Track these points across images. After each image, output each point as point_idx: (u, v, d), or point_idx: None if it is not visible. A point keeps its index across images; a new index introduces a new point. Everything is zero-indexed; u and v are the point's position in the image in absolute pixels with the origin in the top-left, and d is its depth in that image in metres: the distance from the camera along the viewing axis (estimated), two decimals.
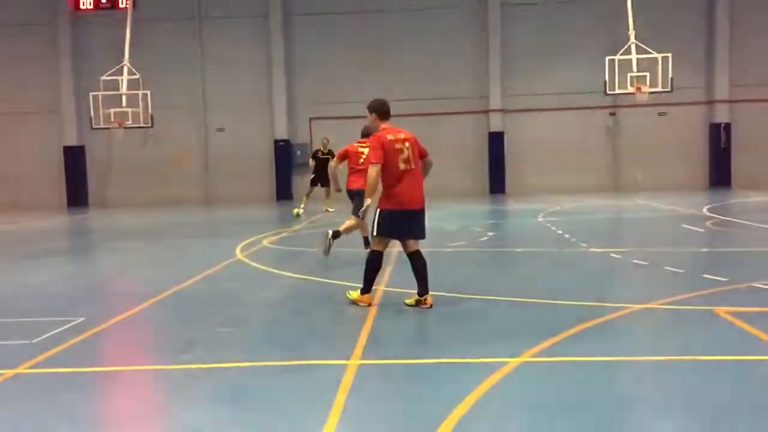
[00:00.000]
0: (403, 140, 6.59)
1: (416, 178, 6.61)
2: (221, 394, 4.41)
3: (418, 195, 6.61)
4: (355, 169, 10.06)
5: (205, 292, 7.92)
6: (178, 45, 26.42)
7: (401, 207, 6.53)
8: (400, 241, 6.81)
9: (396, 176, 6.51)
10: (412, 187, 6.55)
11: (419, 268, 6.65)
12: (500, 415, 3.95)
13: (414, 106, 25.18)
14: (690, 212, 15.62)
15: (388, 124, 6.71)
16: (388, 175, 6.52)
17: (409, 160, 6.54)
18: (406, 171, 6.53)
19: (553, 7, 25.37)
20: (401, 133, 6.65)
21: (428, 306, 6.57)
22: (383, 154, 6.46)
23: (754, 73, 24.76)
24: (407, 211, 6.56)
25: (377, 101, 6.79)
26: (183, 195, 26.36)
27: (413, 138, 6.71)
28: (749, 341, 5.21)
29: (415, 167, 6.60)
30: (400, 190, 6.51)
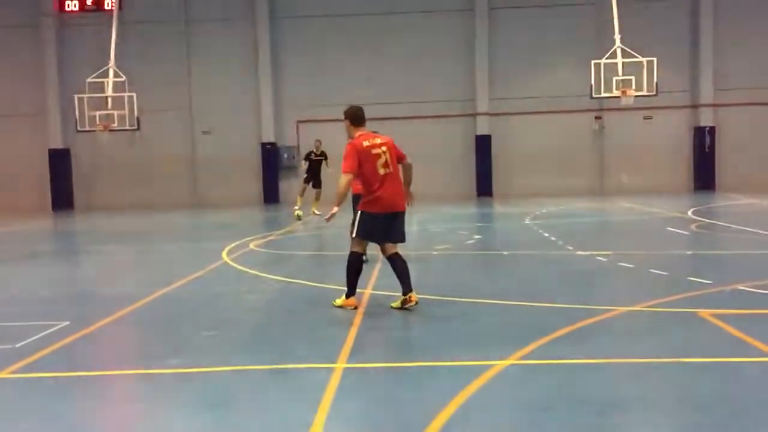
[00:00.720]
0: (380, 145, 6.69)
1: (396, 181, 6.72)
2: (207, 398, 4.39)
3: (399, 198, 6.73)
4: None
5: (192, 296, 7.89)
6: (165, 47, 26.31)
7: (383, 210, 6.63)
8: (378, 244, 6.86)
9: (377, 180, 6.60)
10: (393, 190, 6.66)
11: (400, 269, 6.70)
12: (486, 418, 3.96)
13: (401, 110, 25.23)
14: (675, 215, 15.75)
15: (364, 129, 6.81)
16: (368, 180, 6.63)
17: (387, 164, 6.64)
18: (387, 175, 6.64)
19: (539, 12, 25.51)
20: (378, 138, 6.76)
21: (413, 303, 6.58)
22: (356, 163, 6.55)
23: (737, 78, 25.02)
24: (389, 214, 6.65)
25: (351, 108, 6.89)
26: (169, 198, 26.24)
27: (391, 142, 6.82)
28: (732, 343, 5.25)
29: (394, 170, 6.71)
30: (381, 194, 6.60)
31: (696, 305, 6.45)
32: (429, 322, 6.29)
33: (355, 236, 6.75)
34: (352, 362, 5.02)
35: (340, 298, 6.87)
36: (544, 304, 6.81)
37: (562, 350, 5.17)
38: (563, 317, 6.12)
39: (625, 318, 6.21)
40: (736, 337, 5.35)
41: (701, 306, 6.39)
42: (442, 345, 5.47)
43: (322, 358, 5.13)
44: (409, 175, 7.06)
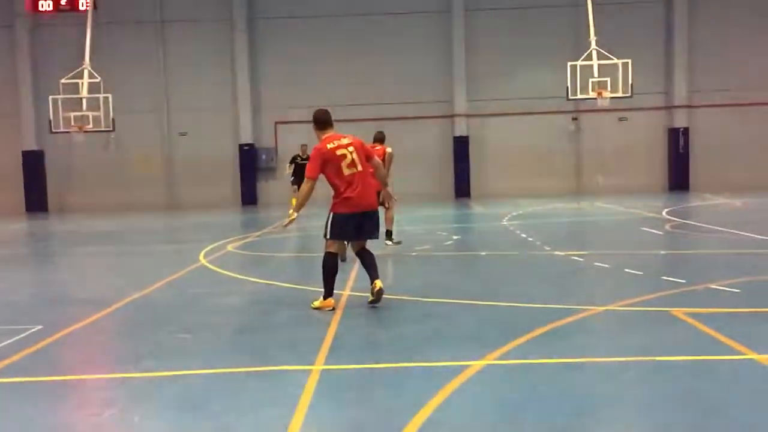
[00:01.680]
0: (347, 145, 6.72)
1: (366, 180, 6.75)
2: (183, 402, 4.36)
3: (370, 197, 6.78)
4: None
5: (168, 299, 7.82)
6: (140, 48, 26.08)
7: (353, 210, 6.68)
8: (350, 242, 6.92)
9: (343, 181, 6.66)
10: (363, 189, 6.69)
11: (368, 261, 6.84)
12: (463, 418, 3.97)
13: (379, 111, 25.25)
14: (650, 215, 15.93)
15: (331, 131, 6.85)
16: (334, 182, 6.69)
17: (354, 164, 6.67)
18: (353, 175, 6.67)
19: (516, 14, 25.69)
20: (345, 139, 6.80)
21: (377, 289, 6.68)
22: (319, 167, 6.63)
23: (711, 79, 25.40)
24: (359, 213, 6.70)
25: (316, 111, 6.97)
26: (146, 200, 26.01)
27: (359, 142, 6.87)
28: (705, 342, 5.32)
29: (363, 170, 6.73)
30: (350, 195, 6.65)
31: (670, 304, 6.53)
32: (407, 323, 6.30)
33: (328, 238, 6.78)
34: (330, 364, 5.01)
35: (318, 300, 6.86)
36: (521, 304, 6.86)
37: (538, 350, 5.21)
38: (540, 317, 6.17)
39: (601, 317, 6.27)
40: (709, 336, 5.42)
41: (675, 305, 6.47)
42: (420, 345, 5.48)
43: (299, 359, 5.12)
44: (381, 173, 7.13)
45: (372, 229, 6.87)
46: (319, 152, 6.67)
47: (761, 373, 4.57)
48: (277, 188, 26.31)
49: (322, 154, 6.65)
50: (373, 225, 6.87)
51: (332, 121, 6.94)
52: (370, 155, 6.91)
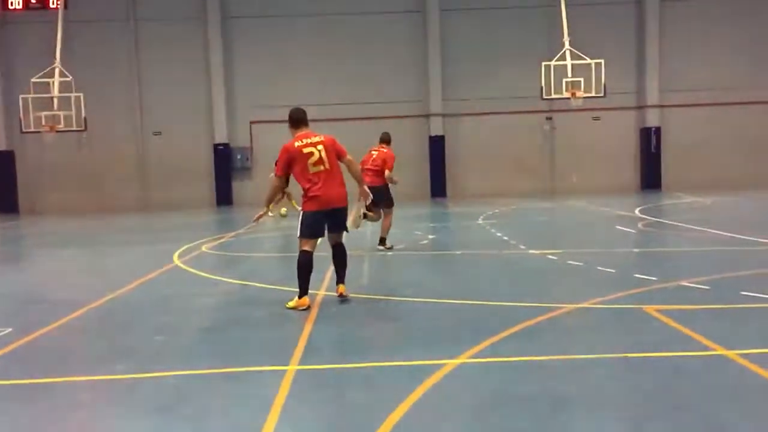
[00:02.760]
0: (316, 144, 6.83)
1: (333, 178, 6.84)
2: (156, 404, 4.32)
3: (336, 194, 6.85)
4: (364, 167, 10.62)
5: (141, 300, 7.74)
6: (112, 47, 25.79)
7: (320, 208, 6.79)
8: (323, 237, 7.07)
9: (309, 179, 6.77)
10: (329, 187, 6.79)
11: (338, 260, 7.09)
12: (437, 417, 3.99)
13: (354, 110, 25.25)
14: (623, 214, 16.12)
15: (305, 130, 6.95)
16: (301, 179, 6.82)
17: (321, 162, 6.77)
18: (319, 173, 6.77)
19: (490, 14, 25.84)
20: (315, 137, 6.90)
21: (338, 295, 6.96)
22: (286, 165, 6.83)
23: (682, 79, 25.77)
24: (327, 210, 6.82)
25: (291, 110, 7.09)
26: (119, 200, 25.73)
27: (330, 141, 6.94)
28: (676, 338, 5.40)
29: (331, 168, 6.83)
30: (316, 192, 6.76)
31: (642, 301, 6.61)
32: (382, 322, 6.31)
33: (300, 236, 6.88)
34: (305, 364, 5.00)
35: (293, 300, 6.84)
36: (495, 302, 6.90)
37: (512, 348, 5.24)
38: (514, 315, 6.21)
39: (575, 315, 6.33)
40: (680, 332, 5.50)
41: (647, 302, 6.55)
42: (395, 345, 5.49)
43: (273, 360, 5.10)
44: (355, 170, 7.20)
45: (340, 224, 7.02)
46: (285, 150, 6.83)
47: (730, 369, 4.65)
48: (252, 188, 26.18)
49: (289, 152, 6.80)
50: (340, 221, 7.01)
51: (307, 120, 7.01)
52: (341, 154, 6.98)
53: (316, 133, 6.96)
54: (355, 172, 7.20)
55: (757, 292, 6.73)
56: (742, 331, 5.54)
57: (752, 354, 4.84)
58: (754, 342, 5.16)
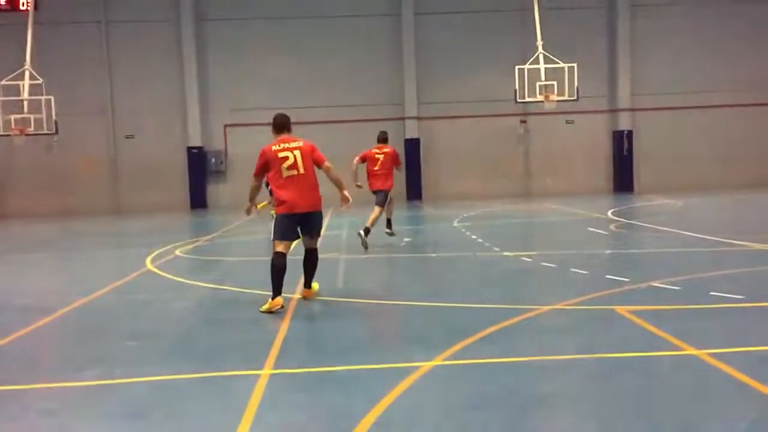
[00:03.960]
0: (293, 149, 6.96)
1: (305, 183, 6.94)
2: (128, 411, 4.26)
3: (306, 199, 6.94)
4: (373, 171, 11.47)
5: (113, 305, 7.65)
6: (84, 49, 25.46)
7: (290, 211, 6.92)
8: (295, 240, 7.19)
9: (280, 183, 6.93)
10: (299, 192, 6.91)
11: (308, 265, 7.25)
12: (412, 419, 3.99)
13: (329, 113, 25.22)
14: (596, 216, 16.29)
15: (285, 135, 7.11)
16: (273, 183, 6.99)
17: (295, 167, 6.90)
18: (291, 177, 6.90)
19: (465, 18, 25.97)
20: (294, 142, 7.02)
21: (303, 297, 7.19)
22: (262, 166, 7.00)
23: (653, 83, 26.14)
24: (296, 214, 6.93)
25: (274, 116, 7.24)
26: (91, 204, 25.39)
27: (309, 147, 7.06)
28: (647, 338, 5.46)
29: (304, 173, 6.94)
30: (286, 196, 6.91)
31: (614, 302, 6.68)
32: (357, 325, 6.31)
33: (273, 238, 7.00)
34: (279, 368, 4.97)
35: (266, 303, 6.80)
36: (470, 304, 6.93)
37: (486, 350, 5.27)
38: (489, 317, 6.24)
39: (548, 316, 6.38)
40: (651, 332, 5.57)
41: (619, 303, 6.63)
42: (370, 347, 5.49)
43: (247, 364, 5.06)
44: (334, 177, 7.24)
45: (313, 229, 7.14)
46: (263, 153, 7.00)
47: (700, 368, 4.71)
48: (226, 192, 26.01)
49: (264, 155, 6.97)
50: (313, 226, 7.11)
51: (290, 126, 7.17)
52: (319, 162, 7.07)
53: (296, 139, 7.08)
54: (334, 179, 7.23)
55: (725, 292, 6.84)
56: (711, 330, 5.63)
57: (721, 353, 4.91)
58: (723, 341, 5.24)
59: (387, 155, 11.57)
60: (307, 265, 7.28)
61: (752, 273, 8.21)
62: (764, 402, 4.04)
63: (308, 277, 7.32)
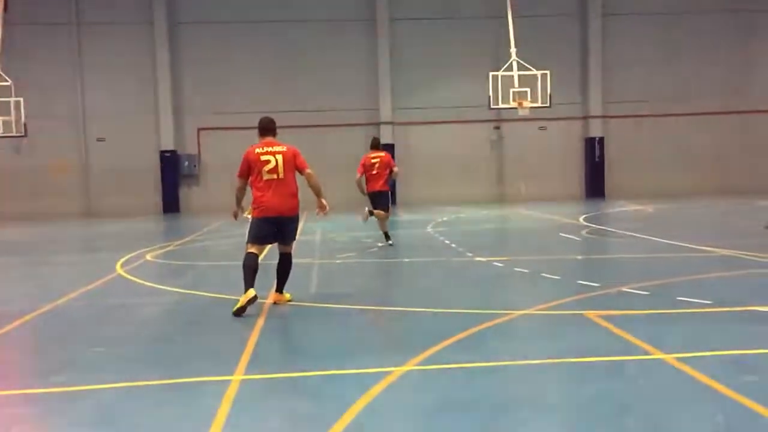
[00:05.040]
0: (275, 152, 7.01)
1: (283, 188, 6.99)
2: (95, 418, 4.20)
3: (282, 204, 6.98)
4: (370, 175, 12.10)
5: (81, 310, 7.53)
6: (55, 50, 25.13)
7: (265, 215, 6.97)
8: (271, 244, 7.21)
9: (259, 187, 6.99)
10: (277, 196, 6.96)
11: (281, 270, 7.22)
12: (384, 425, 3.99)
13: (304, 118, 25.17)
14: (568, 222, 16.46)
15: (270, 138, 7.15)
16: (253, 185, 7.05)
17: (275, 171, 6.96)
18: (271, 181, 6.97)
19: (439, 25, 26.13)
20: (277, 146, 7.07)
21: (274, 302, 7.14)
22: (246, 168, 7.06)
23: (624, 91, 26.53)
24: (271, 218, 6.96)
25: (260, 119, 7.29)
26: (61, 208, 25.01)
27: (292, 152, 7.10)
28: (617, 343, 5.53)
29: (284, 178, 6.99)
30: (263, 199, 6.96)
31: (584, 307, 6.75)
32: (329, 331, 6.29)
33: (247, 241, 7.04)
34: (250, 373, 4.94)
35: (238, 301, 6.77)
36: (443, 309, 6.96)
37: (458, 355, 5.29)
38: (461, 322, 6.26)
39: (519, 321, 6.43)
40: (621, 337, 5.64)
41: (589, 308, 6.70)
42: (342, 353, 5.47)
43: (218, 370, 5.02)
44: (314, 184, 7.24)
45: (288, 234, 7.14)
46: (245, 155, 7.08)
47: (668, 372, 4.78)
48: (200, 195, 25.82)
49: (247, 157, 7.04)
50: (288, 231, 7.12)
51: (275, 129, 7.25)
52: (301, 167, 7.13)
53: (280, 143, 7.13)
54: (313, 186, 7.23)
55: (693, 297, 6.96)
56: (678, 335, 5.72)
57: (688, 357, 4.99)
58: (690, 345, 5.32)
59: (382, 161, 12.18)
60: (281, 269, 7.25)
61: (718, 278, 8.35)
62: (729, 405, 4.11)
63: (281, 282, 7.30)
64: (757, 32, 26.89)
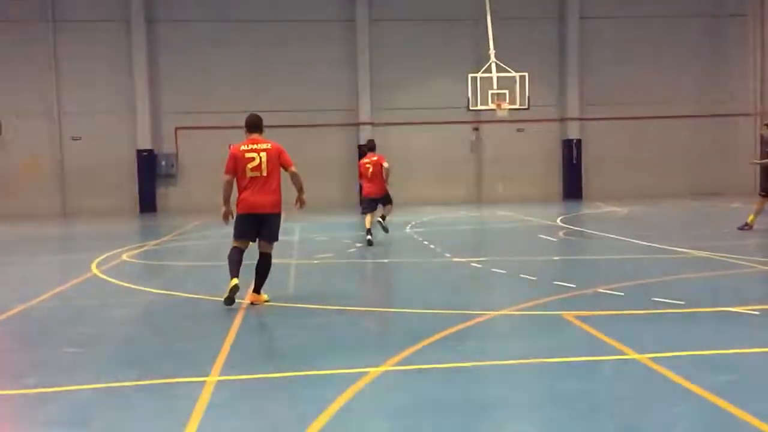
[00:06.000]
0: (259, 150, 7.09)
1: (265, 185, 7.09)
2: (67, 419, 4.14)
3: (263, 201, 7.08)
4: (366, 180, 12.65)
5: (55, 311, 7.43)
6: (29, 48, 24.77)
7: (246, 211, 7.10)
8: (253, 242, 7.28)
9: (243, 183, 7.11)
10: (259, 193, 7.06)
11: (260, 269, 7.21)
12: (359, 426, 3.99)
13: (283, 118, 25.00)
14: (545, 223, 16.57)
15: (257, 135, 7.23)
16: (238, 182, 7.15)
17: (258, 168, 7.05)
18: (253, 178, 7.07)
19: (419, 26, 26.16)
20: (262, 144, 7.14)
21: (251, 303, 7.14)
22: (233, 165, 7.11)
23: (601, 93, 26.77)
24: (251, 215, 7.08)
25: (247, 116, 7.37)
26: (35, 207, 24.63)
27: (276, 149, 7.17)
28: (592, 343, 5.58)
29: (267, 176, 7.08)
30: (245, 196, 7.10)
31: (561, 308, 6.80)
32: (307, 331, 6.26)
33: (233, 237, 7.19)
34: (226, 375, 4.90)
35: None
36: (420, 310, 6.97)
37: (435, 355, 5.29)
38: (438, 322, 6.27)
39: (496, 322, 6.46)
40: (596, 337, 5.69)
41: (565, 308, 6.74)
42: (319, 354, 5.45)
43: (193, 371, 4.98)
44: (297, 181, 7.40)
45: (267, 232, 7.19)
46: (231, 153, 7.18)
47: (642, 372, 4.83)
48: (177, 195, 25.61)
49: (233, 154, 7.14)
50: (269, 228, 7.18)
51: (261, 126, 7.32)
52: (285, 164, 7.22)
53: (266, 140, 7.21)
54: (296, 183, 7.38)
55: (666, 298, 7.03)
56: (652, 335, 5.78)
57: (661, 357, 5.04)
58: (663, 345, 5.38)
59: (374, 163, 12.56)
60: (259, 269, 7.23)
61: (692, 279, 8.46)
62: (701, 404, 4.16)
63: (259, 282, 7.26)
64: (732, 37, 27.28)
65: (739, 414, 3.93)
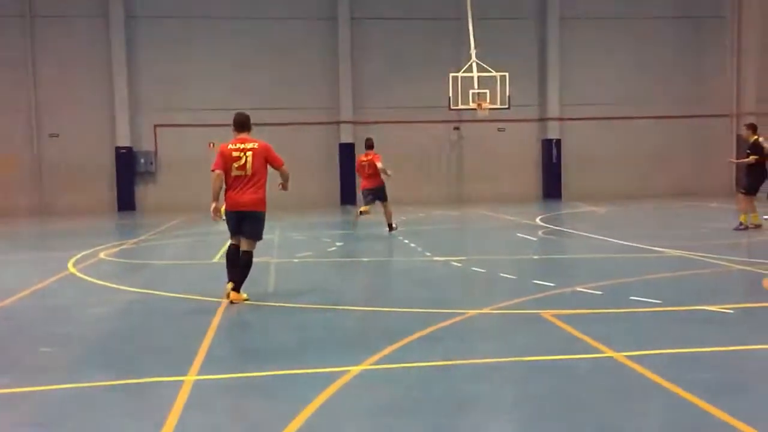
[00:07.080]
0: (245, 150, 7.19)
1: (250, 184, 7.23)
2: (39, 419, 4.08)
3: (244, 199, 7.22)
4: (364, 175, 14.22)
5: (30, 310, 7.33)
6: (6, 43, 24.40)
7: (230, 209, 7.30)
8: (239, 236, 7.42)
9: (229, 181, 7.24)
10: (242, 191, 7.22)
11: (240, 267, 7.28)
12: (338, 424, 3.97)
13: (264, 116, 24.76)
14: (525, 222, 16.65)
15: (245, 134, 7.35)
16: (226, 180, 7.26)
17: (244, 167, 7.18)
18: (238, 177, 7.20)
19: (400, 25, 26.14)
20: (249, 143, 7.26)
21: (230, 301, 7.14)
22: (221, 162, 7.21)
23: (580, 93, 26.94)
24: (236, 212, 7.25)
25: (235, 114, 7.49)
26: (11, 205, 24.26)
27: (263, 148, 7.28)
28: (569, 341, 5.61)
29: (251, 175, 7.20)
30: (231, 194, 7.26)
31: (539, 307, 6.83)
32: (286, 330, 6.24)
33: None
34: (204, 374, 4.86)
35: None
36: (400, 309, 6.96)
37: (414, 354, 5.29)
38: (417, 321, 6.27)
39: (476, 321, 6.47)
40: (574, 336, 5.72)
41: (544, 307, 6.78)
42: (298, 353, 5.43)
43: (170, 370, 4.93)
44: (283, 178, 7.61)
45: (248, 229, 7.29)
46: (219, 151, 7.31)
47: (619, 370, 4.87)
48: (156, 193, 25.38)
49: (221, 152, 7.27)
50: (250, 225, 7.28)
51: (249, 125, 7.45)
52: (274, 163, 7.31)
53: (253, 140, 7.32)
54: (283, 177, 7.58)
55: (644, 297, 7.10)
56: (629, 333, 5.82)
57: (637, 355, 5.08)
58: (640, 344, 5.42)
59: (371, 162, 14.00)
60: (240, 265, 7.25)
61: (669, 278, 8.54)
62: (677, 402, 4.20)
63: (238, 281, 7.25)
64: (710, 38, 27.59)
65: (715, 412, 3.97)
